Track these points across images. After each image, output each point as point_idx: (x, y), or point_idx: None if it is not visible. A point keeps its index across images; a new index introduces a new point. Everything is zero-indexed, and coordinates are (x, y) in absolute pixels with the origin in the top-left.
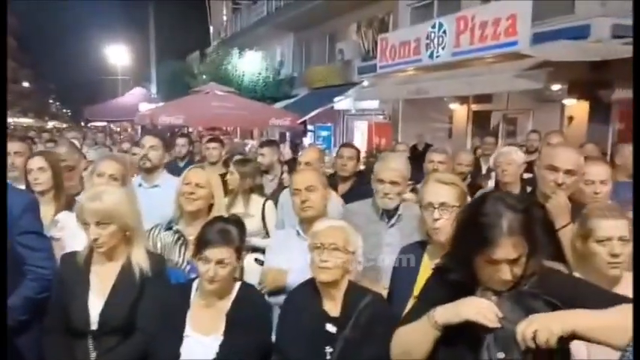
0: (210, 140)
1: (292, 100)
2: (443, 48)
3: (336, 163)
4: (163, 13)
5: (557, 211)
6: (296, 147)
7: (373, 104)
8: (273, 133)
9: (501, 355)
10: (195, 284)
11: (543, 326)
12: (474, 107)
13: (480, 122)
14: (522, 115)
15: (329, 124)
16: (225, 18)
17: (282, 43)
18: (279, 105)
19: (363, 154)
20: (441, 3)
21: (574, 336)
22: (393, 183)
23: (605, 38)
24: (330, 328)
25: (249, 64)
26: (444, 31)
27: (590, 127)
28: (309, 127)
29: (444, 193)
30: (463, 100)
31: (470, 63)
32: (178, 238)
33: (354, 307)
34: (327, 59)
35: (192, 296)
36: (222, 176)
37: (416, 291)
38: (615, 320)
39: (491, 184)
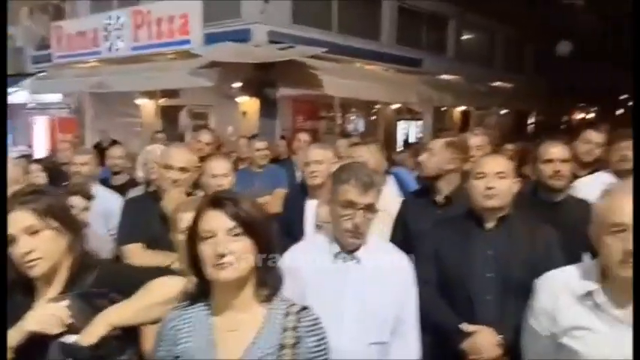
0: None
1: None
2: (122, 41)
3: None
4: None
5: (170, 205)
6: None
7: (56, 97)
8: None
9: None
10: None
11: (90, 330)
12: (162, 102)
13: (170, 117)
14: (209, 111)
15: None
16: None
17: None
18: None
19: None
20: None
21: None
22: None
23: (263, 43)
24: None
25: None
26: (122, 24)
27: (261, 122)
28: None
29: None
30: (151, 94)
31: (152, 58)
32: None
33: None
34: None
35: None
36: None
37: None
38: (141, 301)
39: None
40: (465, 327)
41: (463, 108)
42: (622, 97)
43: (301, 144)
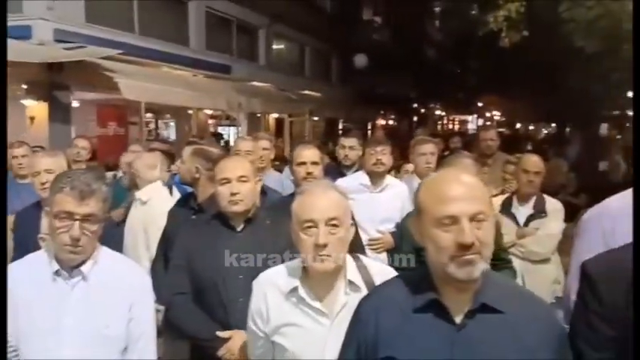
0: None
1: None
2: None
3: None
4: None
5: None
6: None
7: None
8: None
9: None
10: None
11: None
12: None
13: None
14: None
15: None
16: None
17: None
18: None
19: None
20: None
21: None
22: None
23: (48, 41)
24: None
25: None
26: None
27: (52, 127)
28: None
29: None
30: None
31: None
32: None
33: None
34: None
35: None
36: None
37: None
38: None
39: None
40: (220, 333)
41: (277, 115)
42: (414, 106)
43: (79, 150)
